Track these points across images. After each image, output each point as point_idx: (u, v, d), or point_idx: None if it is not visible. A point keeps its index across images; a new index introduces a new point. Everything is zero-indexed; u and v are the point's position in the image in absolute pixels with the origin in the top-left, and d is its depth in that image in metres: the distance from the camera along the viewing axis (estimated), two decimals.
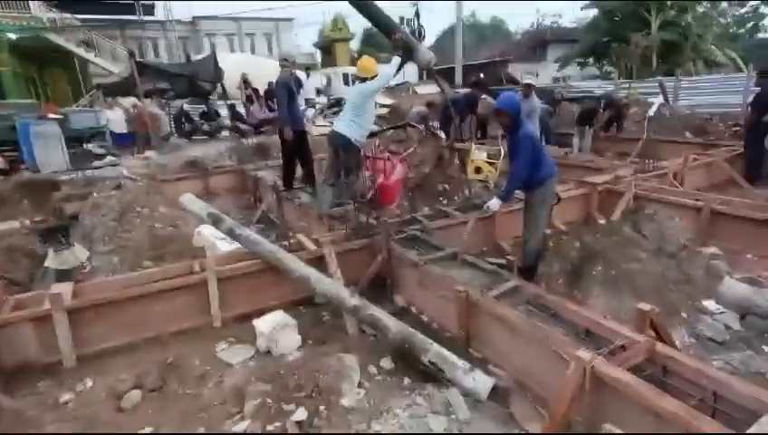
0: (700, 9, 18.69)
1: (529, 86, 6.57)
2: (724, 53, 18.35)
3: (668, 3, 18.08)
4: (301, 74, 14.65)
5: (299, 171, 6.34)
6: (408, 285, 3.97)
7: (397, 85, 16.49)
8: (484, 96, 7.78)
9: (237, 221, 5.93)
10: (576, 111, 11.22)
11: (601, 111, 10.51)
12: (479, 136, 9.65)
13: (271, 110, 13.10)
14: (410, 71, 24.00)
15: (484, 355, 3.07)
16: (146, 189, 5.48)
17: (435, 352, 2.80)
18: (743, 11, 21.56)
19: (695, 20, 18.14)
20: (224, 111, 13.13)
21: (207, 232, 4.79)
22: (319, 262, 3.96)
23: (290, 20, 36.39)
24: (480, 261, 3.68)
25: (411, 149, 6.88)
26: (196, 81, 12.76)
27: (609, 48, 20.69)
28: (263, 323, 3.30)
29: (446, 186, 6.59)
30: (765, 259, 4.40)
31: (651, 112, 11.27)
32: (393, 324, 3.00)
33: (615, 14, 19.81)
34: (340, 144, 4.73)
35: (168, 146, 10.64)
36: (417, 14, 5.85)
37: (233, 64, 15.43)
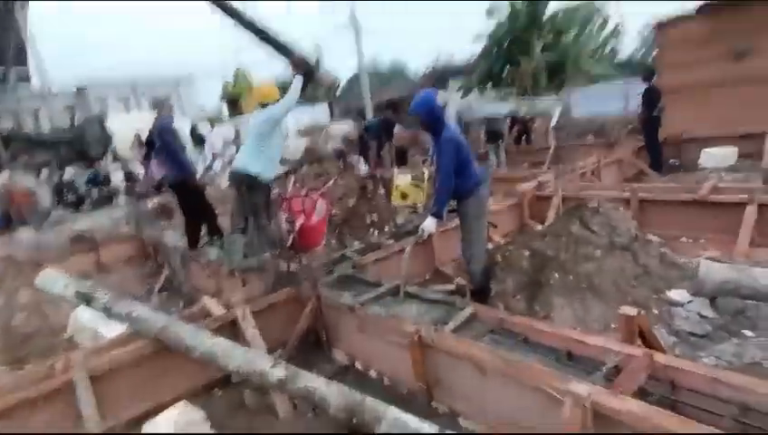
0: (572, 32, 20.83)
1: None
2: (599, 67, 20.50)
3: (546, 28, 19.95)
4: (205, 127, 13.77)
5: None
6: (347, 335, 3.29)
7: (307, 127, 16.07)
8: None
9: (131, 295, 4.93)
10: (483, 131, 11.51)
11: (508, 127, 10.90)
12: (399, 164, 9.43)
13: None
14: (321, 111, 23.98)
15: (452, 407, 2.46)
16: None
17: (391, 419, 2.13)
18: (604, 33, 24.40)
19: (570, 42, 20.15)
20: (118, 175, 11.77)
21: (87, 317, 3.78)
22: (232, 328, 3.17)
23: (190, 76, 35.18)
24: (426, 291, 3.13)
25: (330, 182, 6.33)
26: (80, 146, 11.38)
27: (502, 73, 22.31)
28: (158, 426, 2.43)
29: (375, 217, 6.09)
30: (700, 240, 4.36)
31: (554, 122, 11.92)
32: (333, 394, 2.29)
33: (503, 43, 21.45)
34: (244, 183, 4.04)
35: (48, 222, 9.09)
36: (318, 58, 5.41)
37: (128, 125, 14.10)
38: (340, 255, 4.42)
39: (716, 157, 6.87)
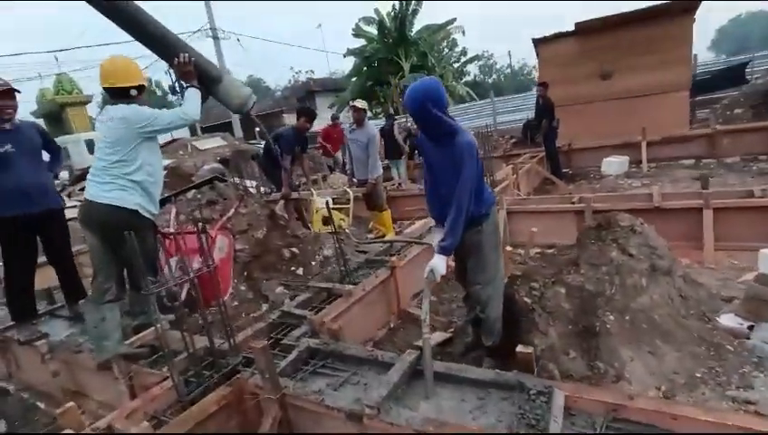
0: (436, 54, 22.06)
1: (361, 110, 5.45)
2: (461, 87, 22.03)
3: (413, 49, 20.68)
4: None
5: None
6: None
7: (167, 143, 13.43)
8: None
9: None
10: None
11: (405, 142, 10.49)
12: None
13: None
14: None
15: None
16: None
17: None
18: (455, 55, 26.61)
19: (436, 62, 21.23)
20: None
21: None
22: None
23: None
24: (463, 368, 2.10)
25: (231, 210, 4.85)
26: None
27: (373, 91, 22.46)
28: None
29: (294, 249, 4.80)
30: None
31: None
32: None
33: (373, 62, 21.59)
34: (114, 222, 2.50)
35: None
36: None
37: None
38: (280, 312, 3.11)
39: (615, 165, 7.30)
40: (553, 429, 1.61)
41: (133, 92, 2.73)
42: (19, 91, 3.22)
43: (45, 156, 3.33)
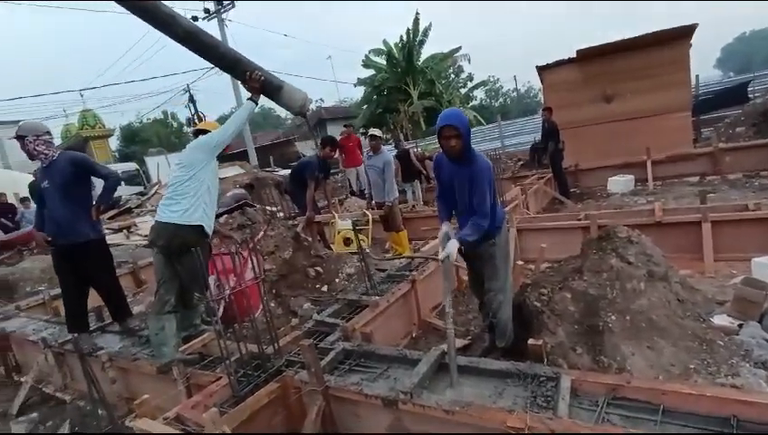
0: (443, 81, 22.82)
1: (377, 138, 5.88)
2: (469, 112, 22.64)
3: (420, 77, 21.46)
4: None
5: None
6: None
7: None
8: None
9: None
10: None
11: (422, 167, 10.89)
12: None
13: (6, 229, 9.51)
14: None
15: None
16: None
17: None
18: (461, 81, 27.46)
19: (443, 88, 21.95)
20: None
21: None
22: None
23: (14, 122, 29.25)
24: (481, 361, 2.41)
25: (260, 233, 5.26)
26: None
27: (383, 118, 23.20)
28: None
29: (319, 268, 5.16)
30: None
31: None
32: None
33: (382, 90, 22.41)
34: (180, 240, 2.90)
35: None
36: (192, 100, 4.47)
37: None
38: (315, 322, 3.44)
39: (621, 183, 7.60)
40: (562, 407, 1.90)
41: None
42: (49, 133, 3.63)
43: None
